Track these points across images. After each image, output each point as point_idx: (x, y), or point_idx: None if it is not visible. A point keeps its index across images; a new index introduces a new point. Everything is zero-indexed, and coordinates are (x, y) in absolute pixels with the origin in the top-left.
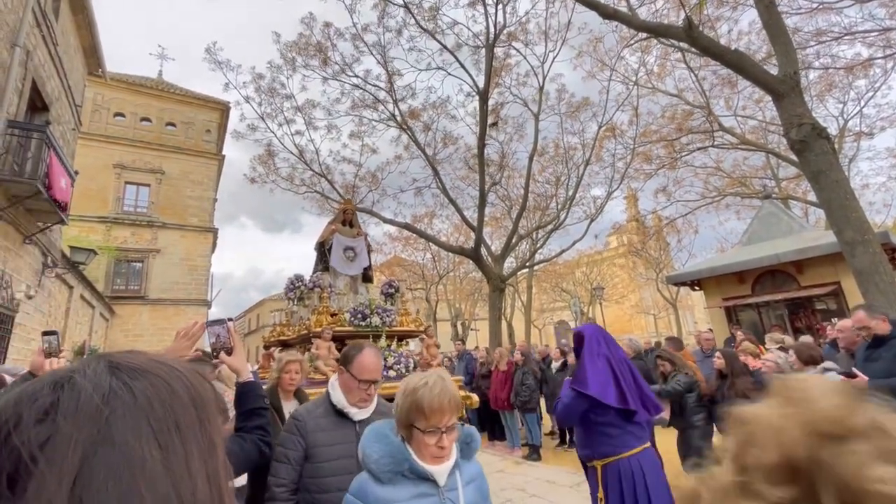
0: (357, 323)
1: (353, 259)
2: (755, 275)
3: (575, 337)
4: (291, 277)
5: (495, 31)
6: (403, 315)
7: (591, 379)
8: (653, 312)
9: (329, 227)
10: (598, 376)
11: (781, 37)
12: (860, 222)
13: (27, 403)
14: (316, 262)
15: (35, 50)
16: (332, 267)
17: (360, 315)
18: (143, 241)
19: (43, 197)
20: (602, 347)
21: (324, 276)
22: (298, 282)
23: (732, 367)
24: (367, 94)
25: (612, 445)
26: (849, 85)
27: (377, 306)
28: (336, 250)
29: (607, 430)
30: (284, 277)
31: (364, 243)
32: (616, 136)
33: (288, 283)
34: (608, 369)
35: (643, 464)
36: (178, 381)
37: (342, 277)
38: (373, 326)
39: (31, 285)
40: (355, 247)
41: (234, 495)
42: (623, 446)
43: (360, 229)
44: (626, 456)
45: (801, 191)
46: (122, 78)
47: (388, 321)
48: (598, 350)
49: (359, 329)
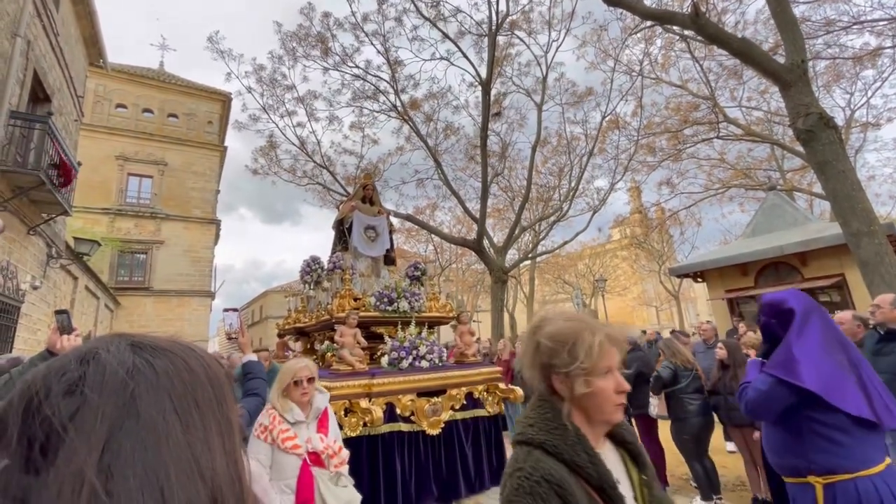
0: (383, 308)
1: (375, 239)
2: (758, 267)
3: (770, 307)
4: (307, 259)
5: (498, 20)
6: (432, 300)
7: (806, 366)
8: (655, 304)
9: (348, 203)
10: (820, 364)
11: (789, 25)
12: (866, 213)
13: (55, 376)
14: (334, 243)
15: (36, 40)
16: (354, 247)
17: (386, 299)
18: (146, 232)
19: (46, 188)
20: (820, 324)
21: (345, 256)
22: (315, 264)
23: (735, 358)
24: (367, 85)
25: (841, 457)
26: (856, 75)
27: (404, 290)
28: (357, 229)
29: (834, 437)
30: (285, 269)
31: (386, 222)
32: (620, 127)
33: (304, 266)
34: (838, 357)
35: (892, 487)
36: (196, 360)
37: (363, 259)
38: (400, 312)
39: (37, 276)
40: (377, 226)
41: (250, 474)
42: (860, 461)
43: (381, 207)
44: (866, 475)
45: (805, 182)
46: (123, 69)
47: (416, 306)
48: (816, 326)
49: (385, 315)
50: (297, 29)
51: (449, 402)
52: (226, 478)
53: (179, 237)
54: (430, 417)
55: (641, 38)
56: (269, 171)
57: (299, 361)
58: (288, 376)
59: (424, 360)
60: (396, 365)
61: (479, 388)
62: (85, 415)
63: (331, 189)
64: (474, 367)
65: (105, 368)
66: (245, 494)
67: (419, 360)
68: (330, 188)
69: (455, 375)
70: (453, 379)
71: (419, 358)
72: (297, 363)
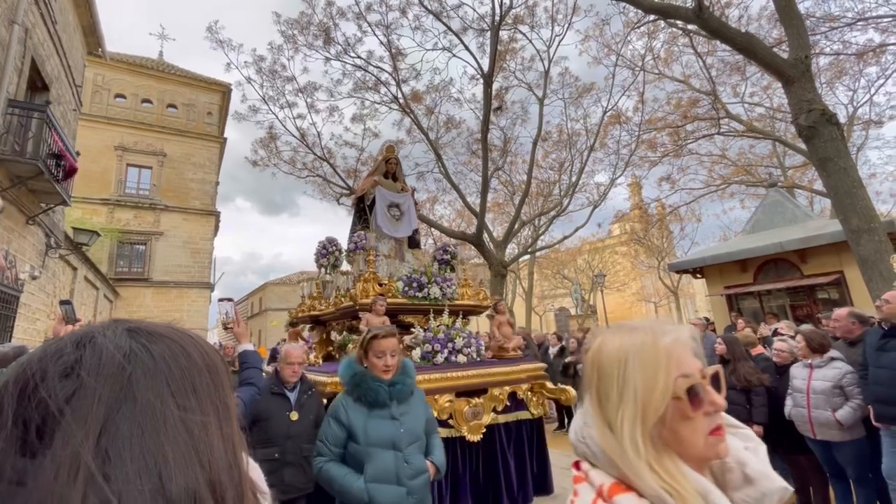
0: (413, 294)
1: (400, 218)
2: (758, 263)
3: None
4: (323, 241)
5: (501, 13)
6: (464, 286)
7: None
8: (654, 300)
9: (369, 178)
10: None
11: (794, 20)
12: (867, 210)
13: (52, 359)
14: (354, 222)
15: (34, 28)
16: (378, 226)
17: (416, 284)
18: (145, 223)
19: (45, 177)
20: None
21: (368, 235)
22: (332, 245)
23: (734, 353)
24: (369, 76)
25: None
26: (859, 72)
27: (434, 274)
28: (380, 206)
29: None
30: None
31: (412, 200)
32: (621, 122)
33: (319, 248)
34: None
35: None
36: (193, 347)
37: (385, 241)
38: (431, 299)
39: (36, 266)
40: (401, 203)
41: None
42: None
43: (405, 184)
44: None
45: (806, 180)
46: (122, 58)
47: (448, 293)
48: None
49: (414, 302)
50: (298, 16)
51: (490, 403)
52: (224, 463)
53: (178, 228)
54: (471, 421)
55: (644, 32)
56: (268, 163)
57: None
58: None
59: (461, 354)
60: (430, 360)
61: (524, 388)
62: (81, 398)
63: (331, 182)
64: (517, 362)
65: (102, 352)
66: (243, 480)
67: (455, 355)
68: (330, 181)
69: (497, 372)
70: (496, 376)
71: (455, 352)
72: None
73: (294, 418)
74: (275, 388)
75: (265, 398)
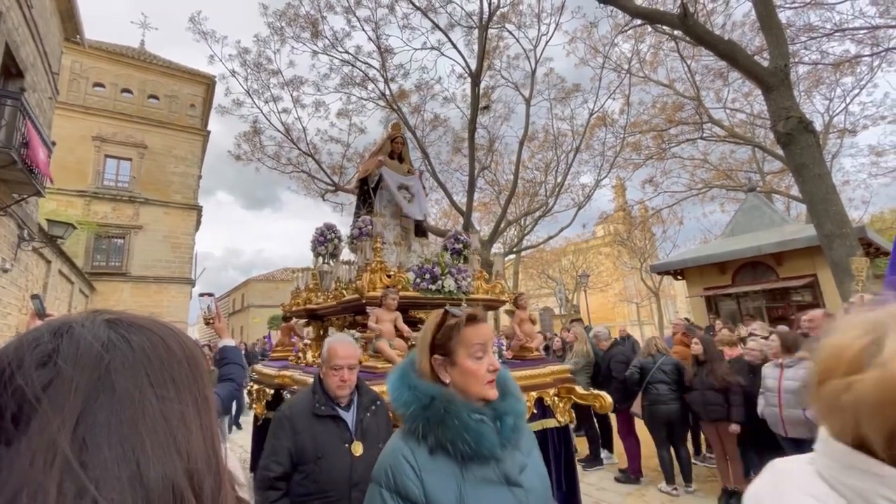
0: (425, 287)
1: (411, 201)
2: (736, 265)
3: None
4: (321, 227)
5: (489, 11)
6: (479, 278)
7: None
8: (636, 301)
9: (373, 158)
10: None
11: (774, 29)
12: (839, 216)
13: (28, 348)
14: (357, 206)
15: (8, 12)
16: (395, 205)
17: (428, 275)
18: (124, 216)
19: (17, 167)
20: None
21: (374, 220)
22: (330, 232)
23: (709, 354)
24: (356, 71)
25: None
26: (836, 81)
27: (448, 265)
28: (391, 185)
29: None
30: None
31: (420, 183)
32: (607, 124)
33: (316, 235)
34: None
35: None
36: (173, 338)
37: (392, 227)
38: (446, 292)
39: (7, 258)
40: (410, 186)
41: (226, 453)
42: None
43: (411, 165)
44: None
45: (784, 185)
46: (101, 46)
47: (463, 286)
48: None
49: (427, 296)
50: (285, 7)
51: None
52: (202, 453)
53: (159, 222)
54: None
55: (631, 35)
56: (252, 158)
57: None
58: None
59: None
60: None
61: (551, 392)
62: (58, 386)
63: (315, 177)
64: (541, 364)
65: (80, 342)
66: (221, 470)
67: None
68: (315, 176)
69: (524, 376)
70: (521, 380)
71: None
72: None
73: (358, 452)
74: (322, 407)
75: (306, 423)
